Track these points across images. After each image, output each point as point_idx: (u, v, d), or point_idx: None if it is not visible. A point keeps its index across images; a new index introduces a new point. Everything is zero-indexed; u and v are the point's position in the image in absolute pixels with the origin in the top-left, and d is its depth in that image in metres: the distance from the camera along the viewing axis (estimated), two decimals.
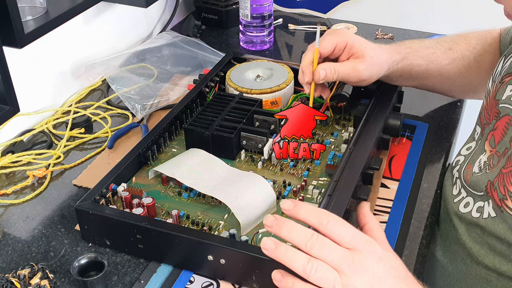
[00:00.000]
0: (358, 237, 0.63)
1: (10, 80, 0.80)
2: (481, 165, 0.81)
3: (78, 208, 0.77)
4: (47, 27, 0.90)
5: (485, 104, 0.86)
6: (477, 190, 0.79)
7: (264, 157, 0.89)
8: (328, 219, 0.63)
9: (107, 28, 1.22)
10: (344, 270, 0.61)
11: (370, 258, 0.62)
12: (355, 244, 0.62)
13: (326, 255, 0.61)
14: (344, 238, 0.62)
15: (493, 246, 0.78)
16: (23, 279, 0.74)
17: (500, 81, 0.82)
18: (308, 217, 0.63)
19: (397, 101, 1.00)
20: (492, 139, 0.80)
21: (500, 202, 0.74)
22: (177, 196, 0.83)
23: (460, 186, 0.84)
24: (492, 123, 0.82)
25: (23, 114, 1.02)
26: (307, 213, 0.64)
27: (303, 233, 0.62)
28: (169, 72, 1.18)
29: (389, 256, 0.64)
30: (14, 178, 0.94)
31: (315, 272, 0.61)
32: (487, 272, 0.80)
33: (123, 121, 1.07)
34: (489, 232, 0.77)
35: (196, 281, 0.75)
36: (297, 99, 0.96)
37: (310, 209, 0.64)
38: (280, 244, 0.62)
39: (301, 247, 0.62)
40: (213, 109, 0.94)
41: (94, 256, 0.75)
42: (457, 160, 0.87)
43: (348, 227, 0.64)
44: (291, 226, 0.62)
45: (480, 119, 0.87)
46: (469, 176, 0.82)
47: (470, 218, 0.80)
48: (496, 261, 0.78)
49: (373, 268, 0.62)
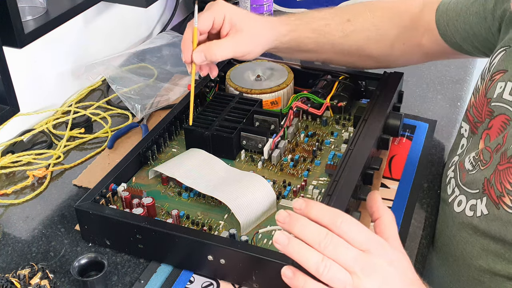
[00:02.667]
0: (371, 239, 0.63)
1: (10, 80, 0.80)
2: (472, 161, 0.80)
3: (78, 208, 0.77)
4: (47, 27, 0.90)
5: (473, 101, 0.84)
6: (473, 188, 0.79)
7: (264, 157, 0.89)
8: (342, 219, 0.62)
9: (107, 28, 1.22)
10: (357, 271, 0.60)
11: (383, 260, 0.62)
12: (369, 246, 0.62)
13: (340, 256, 0.60)
14: (357, 239, 0.61)
15: (485, 246, 0.77)
16: (23, 279, 0.74)
17: (490, 79, 0.81)
18: (320, 216, 0.62)
19: (397, 101, 0.99)
20: (488, 138, 0.80)
21: (498, 199, 0.74)
22: (177, 196, 0.83)
23: (454, 185, 0.83)
24: (485, 122, 0.80)
25: (23, 114, 1.02)
26: (319, 212, 0.62)
27: (317, 232, 0.61)
28: (169, 72, 1.18)
29: (399, 258, 0.64)
30: (14, 178, 0.94)
31: (328, 272, 0.60)
32: (480, 273, 0.79)
33: (123, 121, 1.07)
34: (482, 231, 0.76)
35: (196, 281, 0.75)
36: (297, 99, 0.96)
37: (323, 208, 0.63)
38: (293, 240, 0.61)
39: (314, 246, 0.61)
40: (213, 109, 0.94)
41: (94, 256, 0.75)
42: (453, 160, 0.87)
43: (362, 228, 0.63)
44: (305, 224, 0.61)
45: (468, 116, 0.85)
46: (465, 175, 0.81)
47: (464, 217, 0.79)
48: (490, 261, 0.77)
49: (384, 271, 0.61)
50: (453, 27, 0.90)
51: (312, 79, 1.03)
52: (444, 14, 0.92)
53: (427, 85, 1.16)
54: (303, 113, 0.98)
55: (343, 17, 0.95)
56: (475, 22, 0.87)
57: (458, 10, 0.90)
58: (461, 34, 0.90)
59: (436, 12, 0.93)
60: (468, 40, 0.90)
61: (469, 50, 0.91)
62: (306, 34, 0.93)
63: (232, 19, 0.87)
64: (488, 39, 0.87)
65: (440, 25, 0.92)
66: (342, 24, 0.94)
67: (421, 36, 0.95)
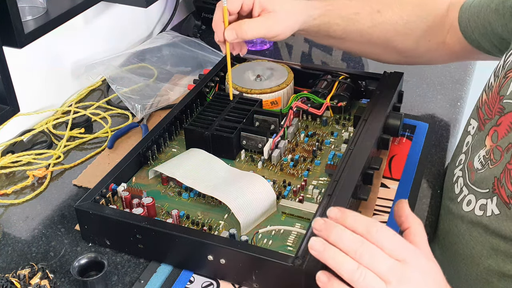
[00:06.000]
0: (406, 249, 0.62)
1: (10, 80, 0.80)
2: (481, 159, 0.80)
3: (78, 208, 0.77)
4: (47, 27, 0.90)
5: (485, 99, 0.84)
6: (482, 187, 0.78)
7: (264, 157, 0.89)
8: (377, 228, 0.62)
9: (107, 28, 1.22)
10: (392, 281, 0.60)
11: (417, 271, 0.62)
12: (404, 255, 0.61)
13: (376, 265, 0.60)
14: (393, 248, 0.61)
15: (496, 245, 0.77)
16: (23, 279, 0.74)
17: (504, 76, 0.81)
18: (355, 225, 0.62)
19: (397, 101, 0.99)
20: (495, 134, 0.79)
21: (508, 199, 0.73)
22: (177, 196, 0.83)
23: (462, 184, 0.83)
24: (494, 119, 0.80)
25: (23, 114, 1.02)
26: (354, 221, 0.62)
27: (353, 240, 0.61)
28: (169, 72, 1.18)
29: (432, 268, 0.64)
30: (14, 178, 0.94)
31: (363, 280, 0.60)
32: (488, 273, 0.79)
33: (123, 121, 1.07)
34: (492, 230, 0.76)
35: (196, 281, 0.75)
36: (297, 99, 0.96)
37: (357, 217, 0.63)
38: (329, 247, 0.61)
39: (350, 254, 0.61)
40: (213, 109, 0.94)
41: (94, 256, 0.75)
42: (459, 159, 0.87)
43: (397, 238, 0.63)
44: (341, 232, 0.62)
45: (479, 113, 0.85)
46: (473, 174, 0.81)
47: (473, 216, 0.79)
48: (500, 261, 0.77)
49: (419, 282, 0.61)
50: (473, 23, 0.90)
51: (312, 79, 1.03)
52: (467, 11, 0.92)
53: (427, 85, 1.16)
54: (303, 113, 0.98)
55: (374, 8, 0.95)
56: (493, 19, 0.87)
57: (479, 7, 0.90)
58: (480, 30, 0.90)
59: (460, 10, 0.93)
60: (487, 36, 0.89)
61: (487, 48, 0.91)
62: (335, 21, 0.93)
63: (262, 1, 0.87)
64: (503, 37, 0.87)
65: (462, 21, 0.92)
66: (372, 14, 0.94)
67: (446, 34, 0.95)
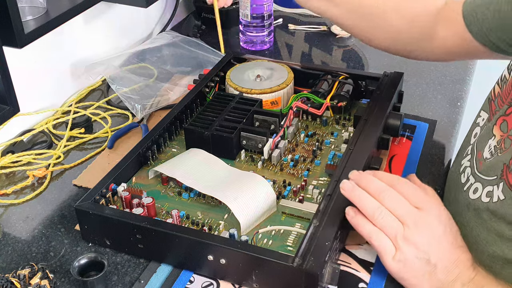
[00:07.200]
0: (426, 200, 0.70)
1: (10, 80, 0.80)
2: (492, 149, 0.79)
3: (78, 208, 0.77)
4: (47, 27, 0.90)
5: (498, 91, 0.83)
6: (490, 175, 0.78)
7: (264, 157, 0.89)
8: (400, 180, 0.71)
9: (107, 28, 1.22)
10: (409, 223, 0.68)
11: (435, 219, 0.69)
12: (423, 204, 0.69)
13: (395, 207, 0.69)
14: (414, 197, 0.70)
15: (501, 232, 0.76)
16: (23, 279, 0.74)
17: None
18: (381, 177, 0.72)
19: (397, 101, 1.00)
20: (505, 124, 0.78)
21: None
22: (177, 196, 0.83)
23: (469, 173, 0.82)
24: (503, 109, 0.79)
25: (23, 114, 1.02)
26: (382, 175, 0.73)
27: (380, 186, 0.71)
28: (169, 72, 1.18)
29: (452, 223, 0.71)
30: (14, 178, 0.94)
31: (382, 218, 0.68)
32: (492, 259, 0.78)
33: (123, 121, 1.07)
34: (499, 216, 0.75)
35: (196, 281, 0.75)
36: (297, 99, 0.96)
37: (386, 173, 0.73)
38: (357, 188, 0.71)
39: (375, 195, 0.70)
40: (213, 109, 0.94)
41: (94, 256, 0.75)
42: (467, 150, 0.86)
43: (418, 190, 0.71)
44: (371, 179, 0.72)
45: (491, 105, 0.84)
46: (482, 163, 0.80)
47: (480, 203, 0.78)
48: (504, 247, 0.76)
49: (435, 228, 0.68)
50: (481, 15, 0.85)
51: (312, 79, 1.03)
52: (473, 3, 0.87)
53: (427, 85, 1.16)
54: (303, 113, 0.98)
55: None
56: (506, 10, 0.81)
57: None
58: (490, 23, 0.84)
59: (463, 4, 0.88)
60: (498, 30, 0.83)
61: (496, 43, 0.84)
62: None
63: None
64: None
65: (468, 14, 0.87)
66: None
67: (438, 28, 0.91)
